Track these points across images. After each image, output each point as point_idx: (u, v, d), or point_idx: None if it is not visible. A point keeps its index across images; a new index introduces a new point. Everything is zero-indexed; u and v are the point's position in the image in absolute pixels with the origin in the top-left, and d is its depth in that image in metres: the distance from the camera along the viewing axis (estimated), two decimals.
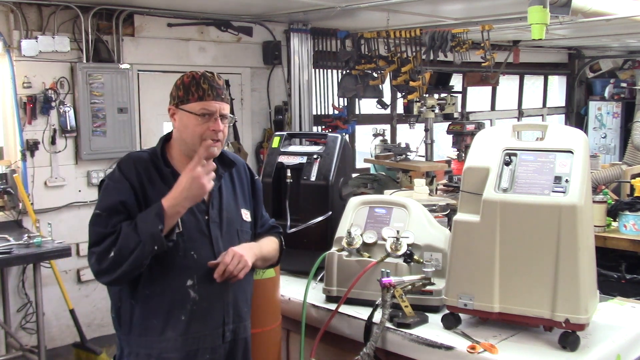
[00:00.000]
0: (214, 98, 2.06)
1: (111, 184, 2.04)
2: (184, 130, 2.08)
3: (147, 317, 2.03)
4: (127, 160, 2.09)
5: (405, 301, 2.20)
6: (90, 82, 5.07)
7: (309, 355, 2.30)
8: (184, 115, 2.06)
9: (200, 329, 2.06)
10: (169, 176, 2.07)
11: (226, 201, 2.17)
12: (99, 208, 2.01)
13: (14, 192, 4.76)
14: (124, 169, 2.05)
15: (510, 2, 5.07)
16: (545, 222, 1.97)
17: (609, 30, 7.22)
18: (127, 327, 2.06)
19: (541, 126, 2.17)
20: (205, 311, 2.06)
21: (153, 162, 2.09)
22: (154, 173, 2.07)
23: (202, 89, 2.06)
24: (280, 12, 5.82)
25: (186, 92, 2.07)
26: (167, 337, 2.03)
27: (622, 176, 5.63)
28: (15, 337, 4.71)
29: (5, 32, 4.76)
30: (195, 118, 2.05)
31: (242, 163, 2.32)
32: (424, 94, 5.96)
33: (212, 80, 2.09)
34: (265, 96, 6.53)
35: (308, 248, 2.69)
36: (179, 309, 2.03)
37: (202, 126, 2.04)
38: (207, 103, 2.05)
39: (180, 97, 2.07)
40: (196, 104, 2.05)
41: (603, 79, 10.65)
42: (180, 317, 2.03)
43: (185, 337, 2.04)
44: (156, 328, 2.03)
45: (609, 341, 2.09)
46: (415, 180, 4.08)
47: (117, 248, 1.91)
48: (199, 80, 2.07)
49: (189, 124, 2.06)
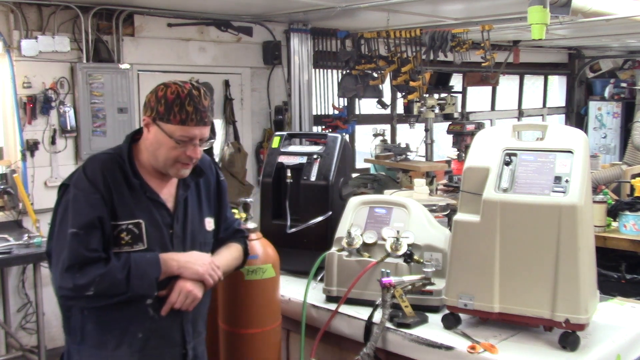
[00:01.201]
0: (197, 123, 1.90)
1: (81, 195, 1.88)
2: (157, 148, 1.93)
3: (100, 331, 1.93)
4: (92, 165, 1.93)
5: (405, 301, 2.20)
6: (90, 82, 5.07)
7: (309, 355, 2.30)
8: (160, 133, 1.91)
9: (159, 346, 1.98)
10: (137, 188, 1.95)
11: (191, 213, 2.06)
12: (74, 225, 1.84)
13: (14, 192, 4.75)
14: (91, 176, 1.90)
15: (510, 2, 5.07)
16: (545, 222, 1.97)
17: (609, 30, 7.22)
18: (77, 336, 1.96)
19: (541, 126, 2.17)
20: (164, 330, 1.98)
21: (120, 167, 1.94)
22: (122, 181, 1.93)
23: (186, 111, 1.89)
24: (280, 12, 5.82)
25: (167, 110, 1.89)
26: (122, 353, 1.94)
27: (622, 176, 5.63)
28: (15, 337, 4.71)
29: (5, 32, 4.76)
30: (171, 140, 1.90)
31: (208, 166, 2.16)
32: (424, 94, 5.97)
33: (198, 102, 1.91)
34: (265, 96, 6.53)
35: (308, 248, 2.69)
36: (136, 326, 1.94)
37: (177, 150, 1.92)
38: (188, 129, 1.90)
39: (160, 114, 1.90)
40: (177, 127, 1.89)
41: (603, 79, 10.65)
42: (137, 334, 1.94)
43: (142, 353, 1.95)
44: (110, 342, 1.93)
45: (609, 341, 2.09)
46: (415, 180, 4.08)
47: (100, 289, 1.82)
48: (184, 101, 1.89)
49: (164, 144, 1.92)
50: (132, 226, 1.92)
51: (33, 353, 4.57)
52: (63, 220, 1.90)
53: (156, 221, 1.96)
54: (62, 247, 1.87)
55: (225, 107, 6.20)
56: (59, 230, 1.90)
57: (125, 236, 1.91)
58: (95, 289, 1.82)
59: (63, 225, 1.89)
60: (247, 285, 2.25)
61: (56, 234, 1.92)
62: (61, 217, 1.91)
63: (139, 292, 1.88)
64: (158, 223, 1.97)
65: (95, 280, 1.82)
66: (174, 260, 1.95)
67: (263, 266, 2.27)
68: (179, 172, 1.98)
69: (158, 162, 1.97)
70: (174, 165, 1.96)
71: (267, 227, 2.74)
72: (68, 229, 1.86)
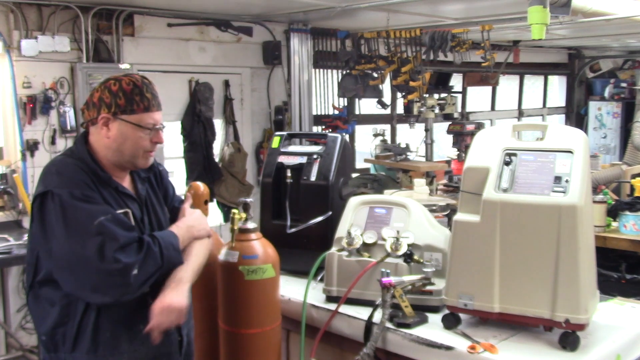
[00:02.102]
0: (158, 108, 1.97)
1: (78, 192, 1.85)
2: (122, 142, 1.94)
3: (97, 332, 1.91)
4: (66, 168, 1.91)
5: (405, 301, 2.20)
6: (90, 82, 5.07)
7: (309, 355, 2.30)
8: (125, 126, 1.93)
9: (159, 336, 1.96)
10: (109, 184, 1.96)
11: (155, 205, 2.12)
12: (97, 216, 1.82)
13: (14, 192, 4.76)
14: (74, 175, 1.89)
15: (510, 2, 5.07)
16: (545, 222, 1.97)
17: (609, 30, 7.23)
18: (69, 345, 1.91)
19: (541, 126, 2.17)
20: None
21: (88, 166, 1.94)
22: (94, 179, 1.93)
23: (147, 98, 1.94)
24: (280, 12, 5.82)
25: (129, 102, 1.92)
26: (122, 350, 1.94)
27: (622, 176, 5.63)
28: (15, 337, 4.71)
29: (5, 32, 4.77)
30: (140, 130, 1.93)
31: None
32: (424, 94, 5.97)
33: (153, 88, 1.98)
34: (265, 96, 6.53)
35: (308, 248, 2.69)
36: (137, 319, 1.95)
37: (145, 140, 1.95)
38: (152, 115, 1.95)
39: (122, 106, 1.92)
40: (143, 115, 1.93)
41: (603, 79, 10.66)
42: (138, 326, 1.94)
43: (146, 345, 1.96)
44: (108, 342, 1.92)
45: (609, 341, 2.09)
46: (415, 180, 4.08)
47: (143, 267, 1.85)
48: (141, 89, 1.94)
49: (131, 136, 1.93)
50: (122, 216, 1.95)
51: (33, 353, 4.57)
52: (69, 223, 1.83)
53: (133, 213, 1.99)
54: (86, 244, 1.81)
55: (225, 107, 6.20)
56: (70, 233, 1.83)
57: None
58: (138, 267, 1.84)
59: (72, 227, 1.83)
60: (247, 285, 2.25)
61: (65, 238, 1.83)
62: (64, 221, 1.83)
63: (171, 262, 1.92)
64: (134, 215, 2.00)
65: (139, 259, 1.85)
66: (179, 227, 2.03)
67: (263, 266, 2.26)
68: (147, 161, 2.01)
69: (124, 157, 1.98)
70: (142, 155, 1.98)
71: (267, 227, 2.74)
72: (92, 223, 1.82)
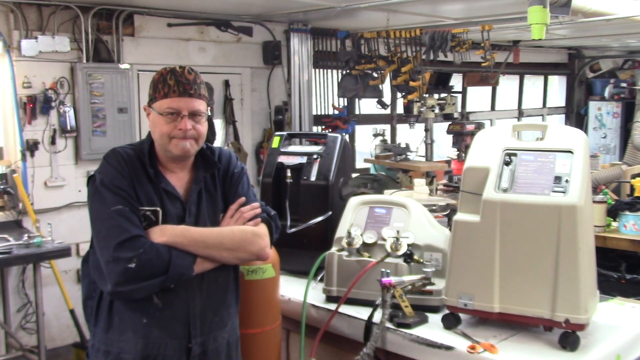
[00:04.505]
0: (180, 94, 1.96)
1: (108, 180, 1.94)
2: (154, 130, 2.01)
3: (110, 314, 1.97)
4: (114, 156, 2.00)
5: (405, 301, 2.20)
6: (90, 82, 5.07)
7: (309, 355, 2.30)
8: (153, 114, 2.01)
9: (162, 336, 1.97)
10: (153, 179, 2.00)
11: (205, 209, 2.06)
12: (112, 205, 1.89)
13: (14, 192, 4.76)
14: (115, 164, 1.97)
15: (510, 2, 5.07)
16: (545, 222, 1.97)
17: (609, 30, 7.22)
18: (93, 319, 2.02)
19: (541, 126, 2.17)
20: (168, 320, 1.97)
21: (140, 159, 2.01)
22: (141, 172, 1.99)
23: (168, 85, 1.97)
24: (280, 12, 5.82)
25: (154, 90, 2.00)
26: (127, 338, 1.96)
27: (622, 176, 5.63)
28: (15, 337, 4.71)
29: (5, 32, 4.76)
30: (160, 117, 1.98)
31: (227, 160, 2.16)
32: (424, 94, 5.97)
33: (181, 75, 1.98)
34: (265, 96, 6.53)
35: (308, 248, 2.69)
36: (141, 312, 1.95)
37: (168, 126, 1.97)
38: (171, 101, 1.96)
39: (150, 96, 2.02)
40: (162, 102, 1.97)
41: (603, 79, 10.65)
42: (141, 319, 1.95)
43: (146, 340, 1.96)
44: (117, 326, 1.96)
45: (609, 341, 2.09)
46: (415, 180, 4.09)
47: (140, 263, 1.84)
48: (165, 77, 1.98)
49: (157, 123, 1.99)
50: (149, 213, 1.96)
51: (33, 353, 4.57)
52: (92, 207, 1.96)
53: (169, 212, 1.99)
54: (98, 230, 1.93)
55: (225, 107, 6.20)
56: (91, 217, 1.96)
57: (143, 222, 1.94)
58: (137, 261, 1.84)
59: (92, 211, 1.96)
60: (247, 285, 2.25)
61: (91, 220, 1.97)
62: (90, 204, 1.96)
63: (177, 272, 1.90)
64: (171, 214, 1.99)
65: (139, 253, 1.85)
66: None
67: (263, 266, 2.27)
68: (178, 148, 1.99)
69: (159, 145, 2.02)
70: (171, 142, 1.99)
71: None
72: (108, 209, 1.90)
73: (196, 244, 1.95)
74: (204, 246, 1.96)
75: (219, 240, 1.99)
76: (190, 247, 1.94)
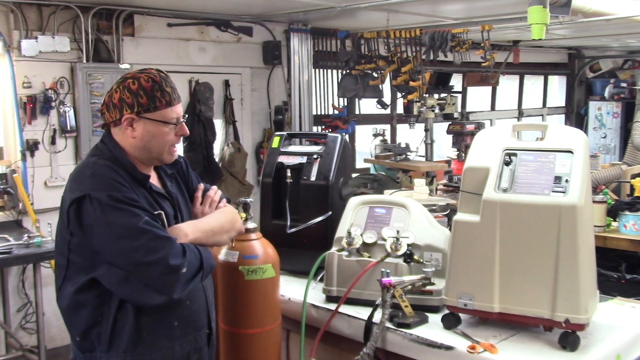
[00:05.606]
0: (178, 100, 1.97)
1: (117, 194, 1.82)
2: (149, 140, 1.94)
3: (137, 330, 1.91)
4: (100, 170, 1.88)
5: (405, 301, 2.20)
6: (90, 82, 5.07)
7: (309, 355, 2.30)
8: (150, 124, 1.92)
9: (193, 332, 2.04)
10: (143, 183, 1.97)
11: (182, 203, 2.13)
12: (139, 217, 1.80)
13: (14, 192, 4.76)
14: (108, 176, 1.85)
15: (510, 2, 5.07)
16: (545, 222, 1.97)
17: (609, 30, 7.22)
18: (104, 346, 1.90)
19: (541, 126, 2.17)
20: (196, 314, 2.05)
21: (123, 168, 1.93)
22: (128, 178, 1.91)
23: (167, 93, 1.93)
24: (280, 12, 5.82)
25: (151, 99, 1.91)
26: (160, 347, 1.95)
27: (622, 176, 5.63)
28: (15, 337, 4.72)
29: (5, 32, 4.77)
30: (165, 126, 1.93)
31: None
32: (424, 94, 5.97)
33: (170, 81, 1.97)
34: (265, 96, 6.53)
35: (308, 248, 2.69)
36: (172, 316, 1.97)
37: (171, 134, 1.96)
38: (175, 108, 1.95)
39: (145, 105, 1.90)
40: (166, 110, 1.93)
41: (603, 79, 10.65)
42: (173, 323, 1.97)
43: (180, 342, 2.00)
44: (146, 340, 1.92)
45: (609, 341, 2.09)
46: (415, 180, 4.09)
47: (189, 266, 1.85)
48: (160, 84, 1.92)
49: (157, 133, 1.94)
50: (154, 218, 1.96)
51: (33, 353, 4.57)
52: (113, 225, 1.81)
53: (167, 213, 2.01)
54: (135, 246, 1.79)
55: (225, 107, 6.20)
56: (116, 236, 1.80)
57: None
58: (187, 265, 1.84)
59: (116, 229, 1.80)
60: (247, 285, 2.25)
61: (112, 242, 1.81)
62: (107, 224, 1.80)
63: (209, 264, 1.93)
64: (169, 214, 2.02)
65: (185, 257, 1.84)
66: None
67: (263, 266, 2.27)
68: (172, 156, 2.03)
69: (151, 154, 1.99)
70: (168, 151, 2.00)
71: (267, 227, 2.74)
72: (138, 223, 1.80)
73: (207, 235, 2.00)
74: (213, 234, 2.02)
75: (220, 225, 2.06)
76: (206, 239, 1.99)
